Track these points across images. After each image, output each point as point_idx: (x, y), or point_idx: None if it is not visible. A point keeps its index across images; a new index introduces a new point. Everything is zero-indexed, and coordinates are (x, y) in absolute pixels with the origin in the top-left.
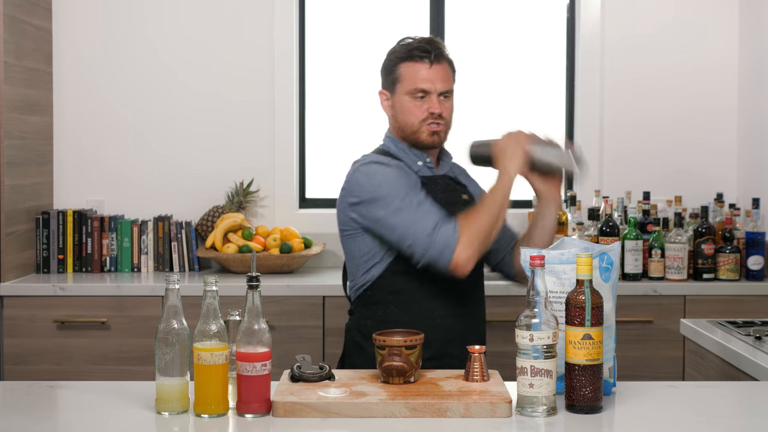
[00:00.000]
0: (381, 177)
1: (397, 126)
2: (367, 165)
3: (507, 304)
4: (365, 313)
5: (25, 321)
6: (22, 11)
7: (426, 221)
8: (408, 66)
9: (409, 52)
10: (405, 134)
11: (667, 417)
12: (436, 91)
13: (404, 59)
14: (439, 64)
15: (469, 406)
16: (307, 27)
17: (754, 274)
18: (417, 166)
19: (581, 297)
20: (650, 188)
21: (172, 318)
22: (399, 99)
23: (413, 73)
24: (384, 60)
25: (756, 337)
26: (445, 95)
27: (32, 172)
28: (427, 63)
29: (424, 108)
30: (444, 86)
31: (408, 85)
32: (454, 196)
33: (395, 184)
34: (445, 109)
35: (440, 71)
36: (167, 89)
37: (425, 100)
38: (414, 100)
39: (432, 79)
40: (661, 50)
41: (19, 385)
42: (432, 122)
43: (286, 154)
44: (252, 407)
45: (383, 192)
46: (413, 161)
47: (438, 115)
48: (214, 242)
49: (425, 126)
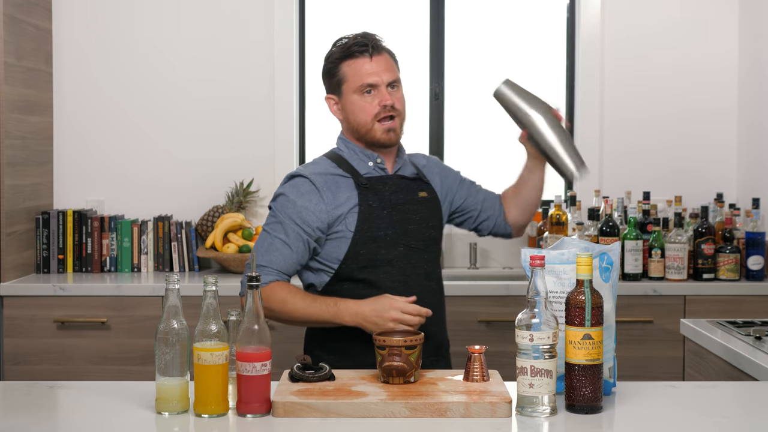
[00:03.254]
0: (281, 195)
1: (350, 128)
2: (292, 178)
3: (507, 304)
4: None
5: (25, 321)
6: (22, 11)
7: (262, 253)
8: (349, 64)
9: (347, 50)
10: (360, 134)
11: (667, 417)
12: (383, 82)
13: (344, 58)
14: (380, 55)
15: (469, 406)
16: (307, 26)
17: (754, 274)
18: (367, 167)
19: (581, 297)
20: (650, 188)
21: (172, 318)
22: (347, 99)
23: (356, 69)
24: (323, 66)
25: (756, 337)
26: (392, 85)
27: (32, 172)
28: (367, 57)
29: (375, 102)
30: (390, 76)
31: (354, 83)
32: (406, 196)
33: (282, 207)
34: (396, 100)
35: (382, 62)
36: (167, 89)
37: (374, 94)
38: (363, 97)
39: (376, 71)
40: (661, 50)
41: (19, 385)
42: (384, 117)
43: (286, 154)
44: (252, 407)
45: (274, 207)
46: (364, 162)
47: (391, 106)
48: (214, 242)
49: (378, 124)
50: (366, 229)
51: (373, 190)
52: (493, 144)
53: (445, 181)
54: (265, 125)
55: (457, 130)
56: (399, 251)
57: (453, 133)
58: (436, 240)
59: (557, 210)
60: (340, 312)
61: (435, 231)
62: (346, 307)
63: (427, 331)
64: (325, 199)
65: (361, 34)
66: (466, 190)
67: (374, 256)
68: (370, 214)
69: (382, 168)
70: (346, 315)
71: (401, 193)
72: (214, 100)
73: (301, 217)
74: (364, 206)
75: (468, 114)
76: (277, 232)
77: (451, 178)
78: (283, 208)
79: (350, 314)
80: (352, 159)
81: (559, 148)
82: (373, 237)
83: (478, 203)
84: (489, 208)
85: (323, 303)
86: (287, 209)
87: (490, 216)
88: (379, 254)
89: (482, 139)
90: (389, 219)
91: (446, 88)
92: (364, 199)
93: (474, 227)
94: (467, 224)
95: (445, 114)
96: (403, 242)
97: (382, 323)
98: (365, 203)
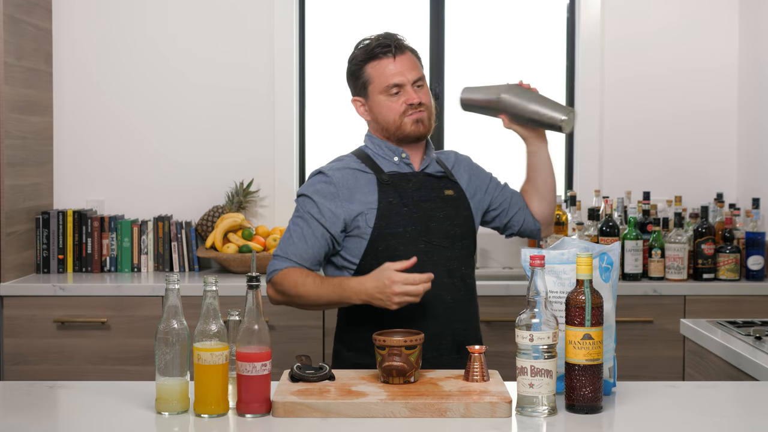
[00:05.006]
0: (302, 191)
1: (379, 127)
2: (314, 175)
3: (507, 304)
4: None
5: (25, 321)
6: (22, 11)
7: (281, 245)
8: (373, 66)
9: (371, 51)
10: (389, 133)
11: (667, 417)
12: (408, 81)
13: (368, 60)
14: (403, 54)
15: (469, 406)
16: (307, 25)
17: (754, 274)
18: (393, 163)
19: (581, 297)
20: (650, 188)
21: (172, 318)
22: (374, 100)
23: (381, 70)
24: (347, 68)
25: (756, 337)
26: (418, 84)
27: (32, 172)
28: (390, 57)
29: (401, 101)
30: (414, 74)
31: (380, 84)
32: (430, 193)
33: (302, 203)
34: (423, 96)
35: (406, 61)
36: (167, 89)
37: (400, 94)
38: (390, 97)
39: (401, 71)
40: (661, 50)
41: (19, 385)
42: (412, 112)
43: (286, 154)
44: (252, 407)
45: (297, 203)
46: (389, 157)
47: (418, 104)
48: (214, 242)
49: (406, 117)
50: (385, 226)
51: (395, 187)
52: (493, 144)
53: (474, 179)
54: (265, 125)
55: (457, 129)
56: (419, 248)
57: (453, 133)
58: (462, 238)
59: (557, 210)
60: (345, 292)
61: (461, 229)
62: (350, 287)
63: (450, 328)
64: (341, 195)
65: (383, 35)
66: (495, 189)
67: (393, 253)
68: (389, 211)
69: (407, 163)
70: (353, 295)
71: (425, 191)
72: (214, 99)
73: (320, 213)
74: (383, 203)
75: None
76: (296, 227)
77: (482, 177)
78: (302, 205)
79: (356, 293)
80: (377, 155)
81: (537, 107)
82: (393, 234)
83: (506, 200)
84: (516, 204)
85: (330, 284)
86: (306, 206)
87: (519, 210)
88: (398, 251)
89: (482, 138)
90: (409, 216)
91: (446, 88)
92: (384, 196)
93: (504, 224)
94: (498, 221)
95: (445, 114)
96: (423, 239)
97: (387, 300)
98: (385, 200)
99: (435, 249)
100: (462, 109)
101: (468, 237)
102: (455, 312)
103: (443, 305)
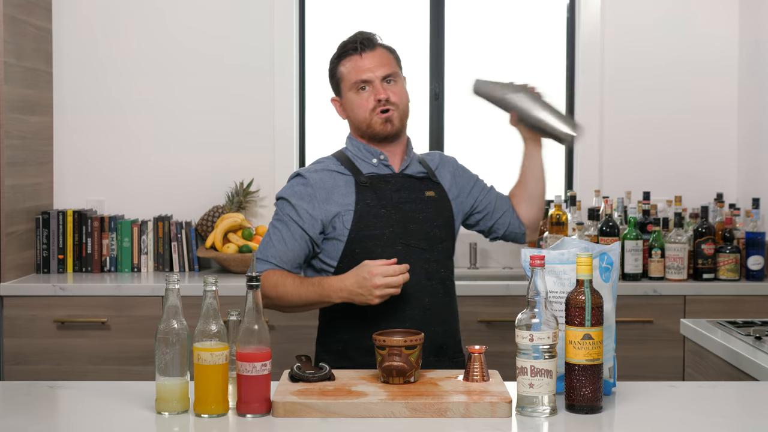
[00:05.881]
0: (280, 195)
1: (353, 126)
2: (292, 178)
3: (507, 304)
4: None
5: (25, 321)
6: (22, 11)
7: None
8: (343, 64)
9: (342, 49)
10: (361, 131)
11: (667, 417)
12: (376, 78)
13: (339, 59)
14: (372, 51)
15: (469, 406)
16: (307, 26)
17: (754, 274)
18: (372, 165)
19: (581, 297)
20: (650, 188)
21: (172, 318)
22: (346, 98)
23: (349, 67)
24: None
25: (756, 337)
26: (388, 80)
27: (32, 172)
28: (358, 54)
29: (370, 98)
30: (384, 71)
31: (348, 81)
32: (410, 194)
33: (280, 206)
34: (392, 93)
35: (375, 57)
36: (167, 89)
37: (369, 90)
38: (358, 94)
39: (368, 67)
40: (661, 50)
41: (19, 385)
42: (381, 109)
43: (286, 154)
44: (252, 407)
45: (276, 206)
46: (368, 159)
47: (386, 99)
48: (214, 242)
49: (376, 116)
50: (362, 228)
51: (373, 188)
52: (492, 144)
53: (458, 180)
54: (265, 125)
55: (457, 129)
56: (397, 250)
57: (453, 133)
58: (442, 239)
59: (557, 210)
60: (325, 291)
61: (441, 230)
62: (330, 285)
63: (428, 330)
64: (318, 197)
65: (355, 34)
66: (479, 191)
67: (370, 255)
68: (366, 213)
69: (387, 165)
70: (332, 293)
71: (404, 192)
72: (214, 100)
73: (297, 215)
74: (361, 205)
75: (468, 114)
76: (275, 230)
77: (466, 178)
78: (281, 207)
79: (335, 291)
80: (356, 157)
81: (547, 116)
82: (370, 236)
83: (491, 203)
84: (501, 207)
85: (310, 284)
86: (285, 208)
87: (504, 214)
88: (375, 253)
89: (482, 138)
90: (387, 218)
91: (446, 88)
92: (361, 198)
93: (489, 227)
94: (482, 224)
95: (445, 114)
96: (401, 241)
97: (368, 294)
98: (362, 202)
99: (413, 251)
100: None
101: (448, 239)
102: (433, 314)
103: (421, 308)
